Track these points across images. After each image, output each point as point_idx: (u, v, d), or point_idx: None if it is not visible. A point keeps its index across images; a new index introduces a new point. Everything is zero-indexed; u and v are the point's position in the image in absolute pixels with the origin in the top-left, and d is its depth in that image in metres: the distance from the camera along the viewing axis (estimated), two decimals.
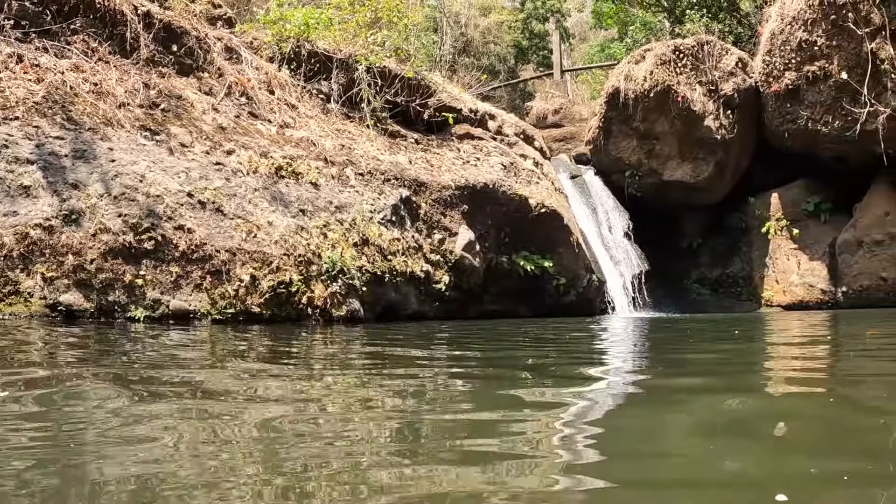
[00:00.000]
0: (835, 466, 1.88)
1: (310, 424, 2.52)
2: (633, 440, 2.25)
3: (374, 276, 8.92)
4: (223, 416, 2.63)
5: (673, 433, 2.32)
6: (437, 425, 2.47)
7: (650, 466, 1.96)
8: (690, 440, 2.24)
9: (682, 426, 2.41)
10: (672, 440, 2.24)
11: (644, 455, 2.07)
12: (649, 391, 3.25)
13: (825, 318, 8.68)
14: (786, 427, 2.14)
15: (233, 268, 7.55)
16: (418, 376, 3.87)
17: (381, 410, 2.87)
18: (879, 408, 2.60)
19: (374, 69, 12.35)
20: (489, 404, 2.88)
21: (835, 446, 2.10)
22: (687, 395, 3.01)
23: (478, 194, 11.29)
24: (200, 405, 2.89)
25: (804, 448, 2.11)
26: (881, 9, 11.03)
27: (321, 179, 9.41)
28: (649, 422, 2.46)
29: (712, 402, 2.83)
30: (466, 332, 7.83)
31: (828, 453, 2.03)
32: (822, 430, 2.29)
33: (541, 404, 2.88)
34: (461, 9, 35.59)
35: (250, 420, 2.57)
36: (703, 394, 3.06)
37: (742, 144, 14.27)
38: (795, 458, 1.99)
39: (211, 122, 9.49)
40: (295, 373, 4.04)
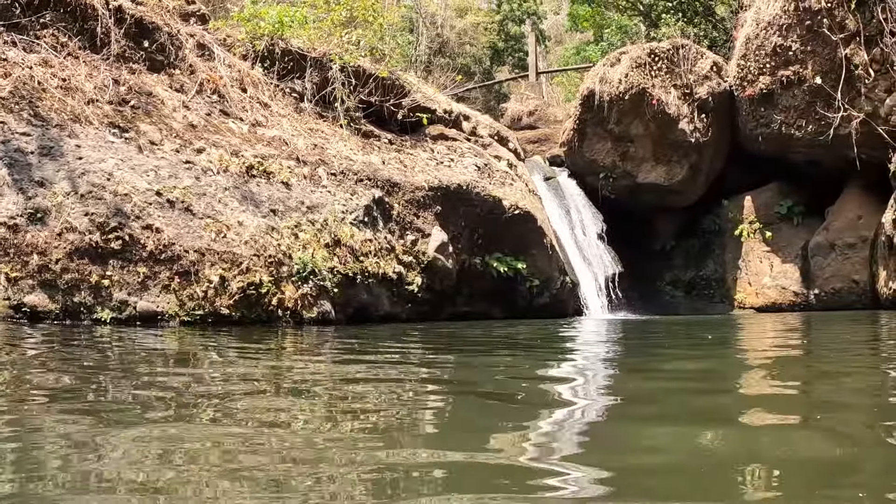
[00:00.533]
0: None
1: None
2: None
3: (345, 277, 8.83)
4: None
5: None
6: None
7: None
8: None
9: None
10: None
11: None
12: (612, 421, 3.05)
13: (799, 323, 8.71)
14: None
15: (202, 268, 7.44)
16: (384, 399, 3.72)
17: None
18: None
19: (348, 68, 12.26)
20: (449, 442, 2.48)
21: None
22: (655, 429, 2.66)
23: (451, 195, 11.23)
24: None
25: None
26: (856, 15, 11.11)
27: (293, 179, 9.30)
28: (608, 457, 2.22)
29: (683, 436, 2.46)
30: (438, 336, 7.78)
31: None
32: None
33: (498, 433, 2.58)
34: (437, 9, 35.53)
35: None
36: (671, 423, 2.76)
37: (716, 147, 14.34)
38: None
39: (181, 119, 9.36)
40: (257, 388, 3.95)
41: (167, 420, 2.69)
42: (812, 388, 3.65)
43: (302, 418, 2.80)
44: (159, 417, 2.73)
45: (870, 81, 11.22)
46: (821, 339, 7.41)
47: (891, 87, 11.04)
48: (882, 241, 11.00)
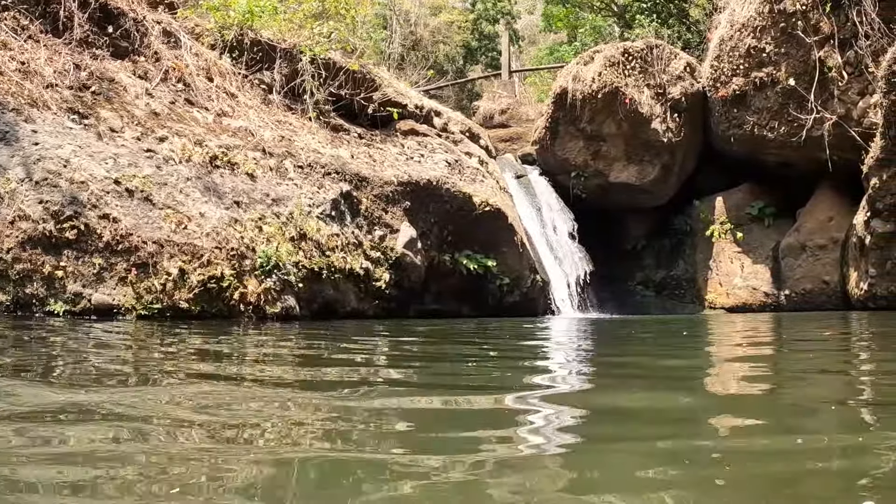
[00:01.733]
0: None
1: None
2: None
3: (311, 272, 8.61)
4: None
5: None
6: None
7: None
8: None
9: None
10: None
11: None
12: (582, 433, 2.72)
13: (769, 324, 8.63)
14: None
15: (160, 260, 7.17)
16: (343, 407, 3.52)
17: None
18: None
19: (318, 60, 12.03)
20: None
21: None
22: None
23: (421, 191, 11.05)
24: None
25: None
26: (831, 17, 11.08)
27: (258, 171, 9.06)
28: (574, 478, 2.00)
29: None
30: (405, 332, 7.59)
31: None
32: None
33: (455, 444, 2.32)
34: (411, 7, 35.32)
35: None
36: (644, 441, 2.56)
37: (688, 148, 14.29)
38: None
39: (144, 107, 9.09)
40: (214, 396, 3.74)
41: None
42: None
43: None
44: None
45: (843, 84, 11.19)
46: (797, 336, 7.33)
47: (864, 89, 11.01)
48: (853, 242, 10.98)
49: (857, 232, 10.65)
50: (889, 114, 9.14)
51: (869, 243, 10.21)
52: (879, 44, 10.35)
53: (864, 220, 10.26)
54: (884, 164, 9.55)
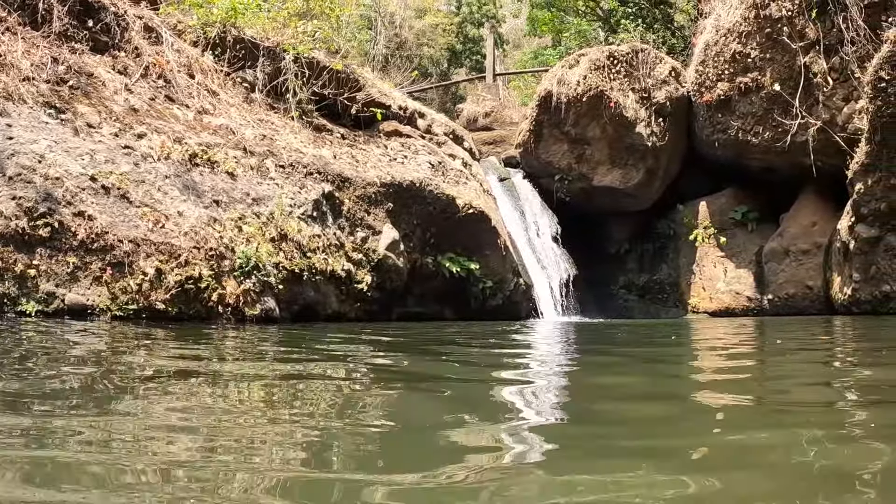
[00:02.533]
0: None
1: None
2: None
3: (291, 273, 8.46)
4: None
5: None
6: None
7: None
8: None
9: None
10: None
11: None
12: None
13: (753, 330, 8.56)
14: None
15: (136, 260, 7.00)
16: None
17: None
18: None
19: (301, 59, 11.88)
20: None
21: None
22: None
23: (404, 192, 10.93)
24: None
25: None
26: (816, 24, 11.06)
27: (239, 170, 8.91)
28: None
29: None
30: (386, 337, 7.45)
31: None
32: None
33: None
34: (396, 9, 35.22)
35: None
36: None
37: (672, 152, 14.25)
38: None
39: (123, 102, 8.90)
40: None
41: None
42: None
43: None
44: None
45: (828, 89, 11.17)
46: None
47: (849, 95, 11.00)
48: (837, 247, 10.97)
49: (841, 237, 10.63)
50: (875, 119, 9.11)
51: (853, 248, 10.19)
52: (865, 49, 10.33)
53: (849, 225, 10.24)
54: (869, 169, 9.53)
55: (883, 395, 3.24)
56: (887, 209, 9.52)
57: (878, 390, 3.47)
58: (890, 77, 8.78)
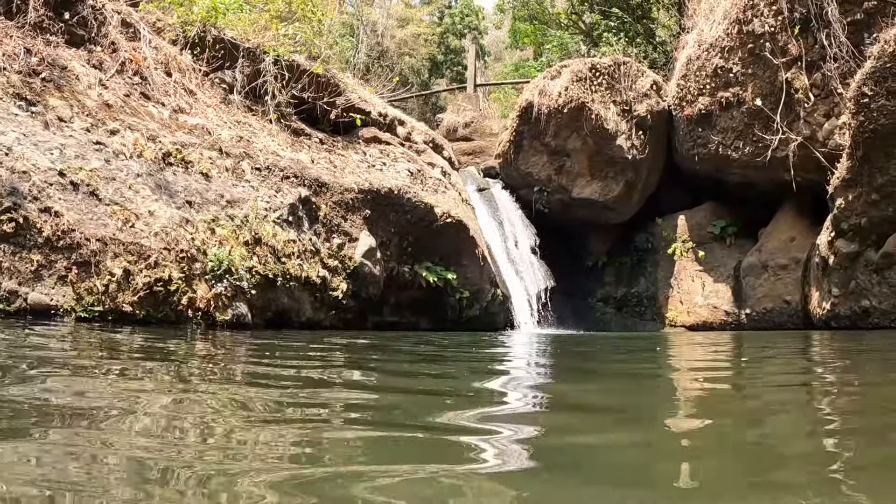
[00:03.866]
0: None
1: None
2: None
3: (265, 278, 8.26)
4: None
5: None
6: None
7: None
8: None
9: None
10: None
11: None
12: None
13: (733, 346, 8.45)
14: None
15: (103, 259, 6.76)
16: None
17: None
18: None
19: (281, 62, 11.73)
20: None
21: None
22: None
23: (381, 199, 10.77)
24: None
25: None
26: (799, 40, 11.05)
27: (213, 171, 8.70)
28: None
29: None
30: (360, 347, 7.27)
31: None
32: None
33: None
34: (379, 17, 35.14)
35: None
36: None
37: (652, 165, 14.20)
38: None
39: (96, 97, 8.67)
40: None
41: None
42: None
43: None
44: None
45: (809, 105, 11.16)
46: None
47: (830, 111, 10.99)
48: (816, 262, 10.93)
49: (820, 252, 10.60)
50: (857, 134, 9.09)
51: (832, 263, 10.15)
52: (847, 66, 10.33)
53: (828, 241, 10.20)
54: (850, 184, 9.49)
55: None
56: (867, 224, 9.49)
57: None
58: (873, 93, 8.76)
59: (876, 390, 3.95)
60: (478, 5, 39.65)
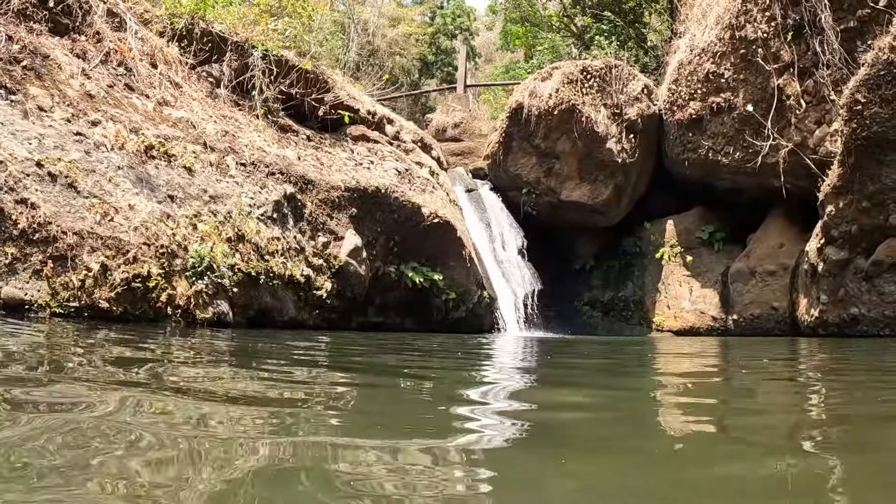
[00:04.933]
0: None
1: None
2: None
3: (247, 276, 8.10)
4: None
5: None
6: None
7: None
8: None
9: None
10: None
11: None
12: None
13: (720, 350, 8.35)
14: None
15: (80, 254, 6.58)
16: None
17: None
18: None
19: (270, 56, 11.56)
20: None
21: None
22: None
23: (368, 198, 10.63)
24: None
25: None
26: (791, 46, 10.97)
27: (197, 165, 8.53)
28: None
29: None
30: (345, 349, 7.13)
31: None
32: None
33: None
34: (370, 16, 34.98)
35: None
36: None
37: (642, 170, 14.12)
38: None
39: (78, 87, 8.48)
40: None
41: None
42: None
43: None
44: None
45: (800, 112, 11.09)
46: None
47: (821, 118, 10.92)
48: (805, 269, 10.85)
49: (809, 259, 10.52)
50: (849, 141, 9.00)
51: (821, 270, 10.07)
52: (840, 73, 10.26)
53: (818, 248, 10.12)
54: (841, 191, 9.41)
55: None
56: (858, 232, 9.41)
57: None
58: (866, 100, 8.68)
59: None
60: (470, 6, 39.56)
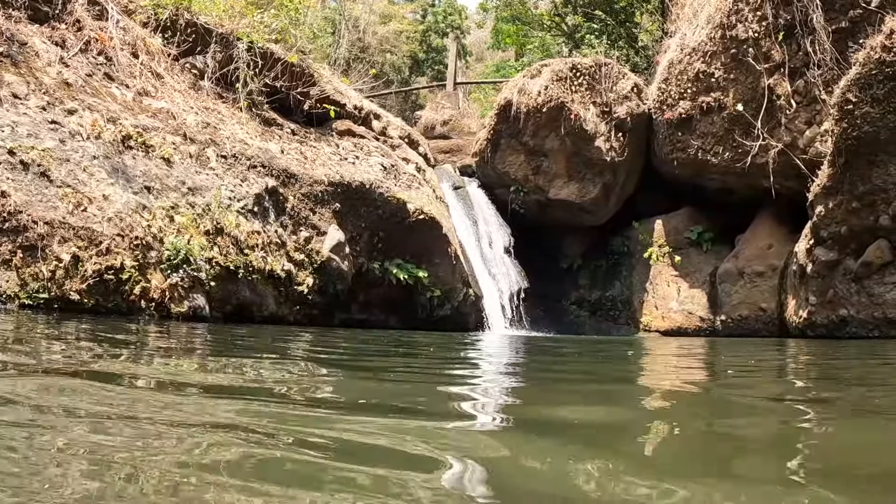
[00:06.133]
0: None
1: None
2: None
3: (225, 270, 7.93)
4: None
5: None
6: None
7: None
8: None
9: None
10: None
11: None
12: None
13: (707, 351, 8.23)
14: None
15: (51, 244, 6.39)
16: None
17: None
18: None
19: (255, 48, 11.38)
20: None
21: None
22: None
23: (353, 193, 10.46)
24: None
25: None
26: (782, 46, 10.85)
27: (176, 156, 8.35)
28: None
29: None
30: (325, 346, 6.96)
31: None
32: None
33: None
34: (361, 13, 34.81)
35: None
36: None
37: (630, 169, 13.98)
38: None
39: (56, 75, 8.29)
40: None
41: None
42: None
43: None
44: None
45: (791, 112, 10.97)
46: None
47: (811, 118, 10.81)
48: (793, 269, 10.74)
49: (797, 260, 10.40)
50: (840, 141, 8.88)
51: (811, 271, 9.95)
52: (831, 74, 10.14)
53: (807, 248, 10.00)
54: (831, 192, 9.29)
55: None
56: (847, 233, 9.29)
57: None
58: (857, 99, 8.55)
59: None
60: (461, 4, 39.49)
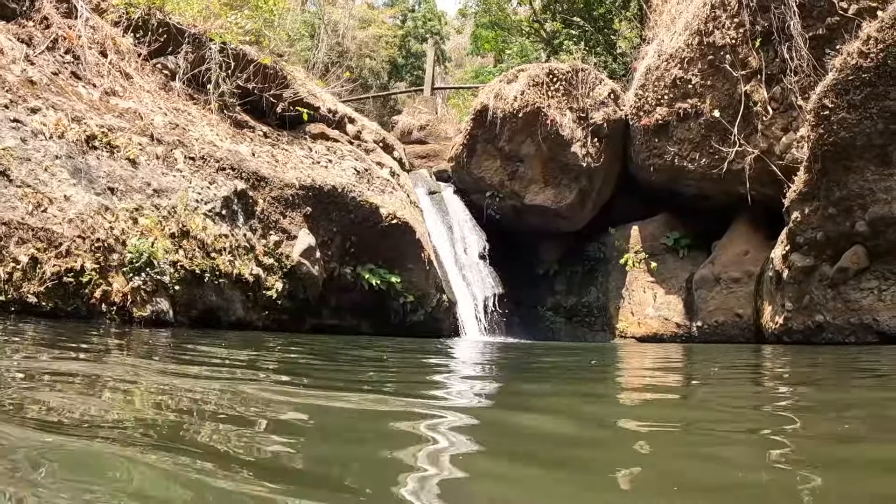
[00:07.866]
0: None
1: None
2: None
3: (191, 274, 7.74)
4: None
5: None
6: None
7: None
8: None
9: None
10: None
11: None
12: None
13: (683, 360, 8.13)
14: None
15: (8, 245, 6.18)
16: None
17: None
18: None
19: (228, 49, 11.21)
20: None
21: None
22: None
23: (324, 197, 10.29)
24: None
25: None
26: (759, 53, 10.82)
27: (142, 157, 8.15)
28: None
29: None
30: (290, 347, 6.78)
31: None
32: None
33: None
34: (341, 17, 34.64)
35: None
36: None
37: (607, 174, 13.90)
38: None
39: (20, 73, 8.09)
40: None
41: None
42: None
43: None
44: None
45: (767, 119, 10.93)
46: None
47: (788, 125, 10.77)
48: (770, 276, 10.68)
49: (774, 266, 10.34)
50: (816, 147, 8.82)
51: (787, 277, 9.89)
52: (808, 80, 10.11)
53: (783, 254, 9.95)
54: (807, 197, 9.23)
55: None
56: (823, 239, 9.23)
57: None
58: (834, 105, 8.50)
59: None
60: (441, 10, 39.42)
